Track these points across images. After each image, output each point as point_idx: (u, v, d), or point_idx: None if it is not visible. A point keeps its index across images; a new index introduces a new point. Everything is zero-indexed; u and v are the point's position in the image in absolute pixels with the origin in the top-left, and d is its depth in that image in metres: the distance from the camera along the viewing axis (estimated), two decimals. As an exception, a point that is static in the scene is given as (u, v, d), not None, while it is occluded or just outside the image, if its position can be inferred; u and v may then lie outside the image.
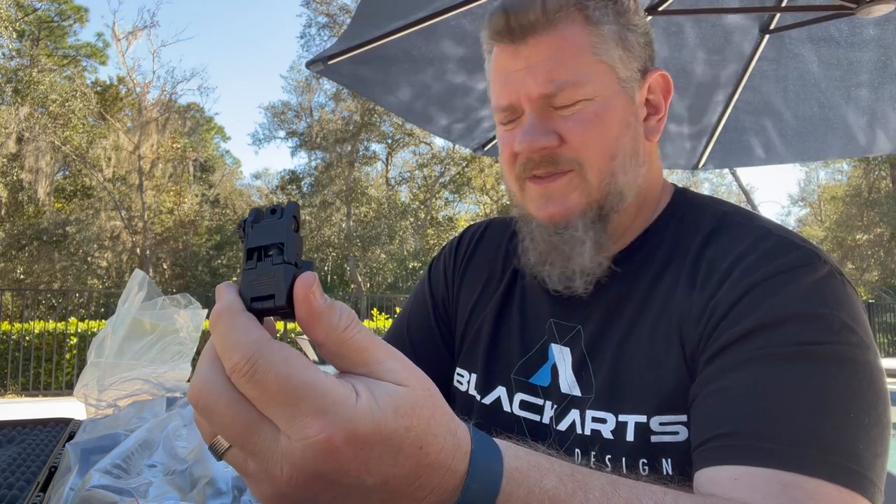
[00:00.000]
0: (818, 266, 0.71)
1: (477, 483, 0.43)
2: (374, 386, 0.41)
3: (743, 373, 0.66)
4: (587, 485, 0.49)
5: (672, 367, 0.74)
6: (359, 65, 2.51)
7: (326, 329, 0.42)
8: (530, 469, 0.47)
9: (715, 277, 0.75)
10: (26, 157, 19.65)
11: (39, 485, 0.94)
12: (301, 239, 0.46)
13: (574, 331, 0.86)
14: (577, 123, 0.80)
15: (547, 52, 0.79)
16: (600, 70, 0.80)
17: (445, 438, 0.43)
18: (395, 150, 26.46)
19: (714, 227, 0.81)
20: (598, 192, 0.81)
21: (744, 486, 0.59)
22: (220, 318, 0.42)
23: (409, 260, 23.56)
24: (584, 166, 0.80)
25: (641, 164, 0.85)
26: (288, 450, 0.39)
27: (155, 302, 1.45)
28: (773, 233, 0.76)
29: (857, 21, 2.48)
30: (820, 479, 0.58)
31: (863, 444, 0.61)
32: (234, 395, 0.41)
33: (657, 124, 0.87)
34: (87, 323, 10.28)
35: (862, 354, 0.66)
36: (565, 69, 0.79)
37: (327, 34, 23.27)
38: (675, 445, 0.72)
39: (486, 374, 0.93)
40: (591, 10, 0.80)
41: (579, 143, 0.80)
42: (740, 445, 0.61)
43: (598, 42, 0.80)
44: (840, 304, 0.68)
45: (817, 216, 29.46)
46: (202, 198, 24.59)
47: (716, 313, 0.72)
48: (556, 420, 0.83)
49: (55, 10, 22.52)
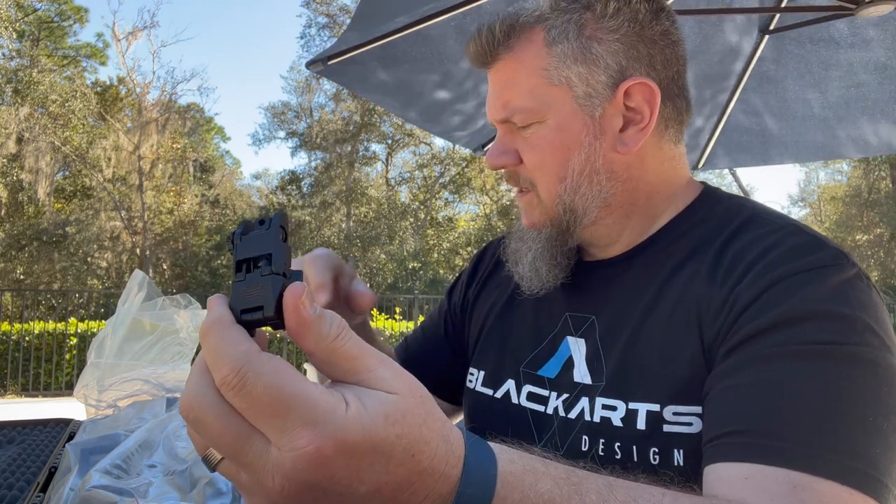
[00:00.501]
0: (846, 267, 0.69)
1: (471, 488, 0.43)
2: (363, 395, 0.41)
3: (760, 369, 0.65)
4: (583, 487, 0.49)
5: (688, 358, 0.73)
6: (358, 65, 2.51)
7: (316, 338, 0.42)
8: (525, 473, 0.47)
9: (739, 269, 0.73)
10: (26, 158, 19.64)
11: (39, 485, 0.94)
12: (290, 248, 0.46)
13: (588, 321, 0.86)
14: (528, 146, 0.84)
15: (503, 77, 0.84)
16: (552, 93, 0.81)
17: (438, 444, 0.43)
18: (395, 151, 26.47)
19: (742, 221, 0.80)
20: (552, 211, 0.85)
21: (753, 485, 0.58)
22: (210, 330, 0.42)
23: (409, 260, 23.56)
24: (536, 187, 0.85)
25: (610, 179, 0.83)
26: (279, 461, 0.39)
27: (155, 302, 1.45)
28: (804, 231, 0.75)
29: (856, 21, 2.48)
30: (832, 482, 0.57)
31: (879, 449, 0.59)
32: (224, 407, 0.41)
33: (638, 134, 0.82)
34: (87, 323, 10.27)
35: (884, 358, 0.64)
36: (517, 94, 0.82)
37: (327, 34, 23.30)
38: (688, 437, 0.71)
39: (496, 368, 0.94)
40: (549, 30, 0.81)
41: (532, 165, 0.85)
42: (753, 443, 0.60)
43: (552, 64, 0.81)
44: (864, 307, 0.67)
45: (817, 216, 29.45)
46: (202, 198, 24.57)
47: (737, 305, 0.70)
48: (567, 409, 0.82)
49: (55, 11, 22.52)
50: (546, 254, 0.87)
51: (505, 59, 0.83)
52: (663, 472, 0.68)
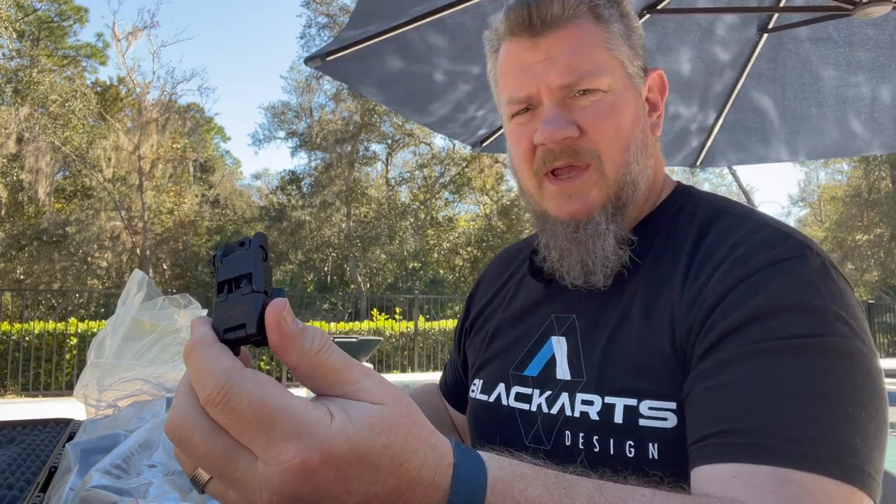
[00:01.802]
0: (810, 257, 0.71)
1: (460, 496, 0.43)
2: (348, 406, 0.41)
3: (738, 367, 0.66)
4: (573, 491, 0.49)
5: (664, 354, 0.75)
6: (357, 61, 2.51)
7: (299, 353, 0.42)
8: (515, 479, 0.47)
9: (708, 267, 0.75)
10: (26, 158, 19.64)
11: (39, 485, 0.94)
12: (269, 267, 0.46)
13: (570, 320, 0.88)
14: (594, 114, 0.83)
15: (566, 44, 0.83)
16: (613, 64, 0.84)
17: (426, 454, 0.43)
18: (395, 151, 26.46)
19: (711, 218, 0.82)
20: (615, 185, 0.84)
21: (741, 483, 0.59)
22: (193, 350, 0.42)
23: (409, 260, 23.55)
24: (601, 158, 0.83)
25: (650, 157, 0.88)
26: (266, 475, 0.39)
27: (154, 302, 1.45)
28: (769, 224, 0.77)
29: (855, 21, 2.48)
30: (818, 475, 0.58)
31: (860, 438, 0.61)
32: (210, 425, 0.41)
33: (657, 120, 0.91)
34: (87, 323, 10.27)
35: (856, 346, 0.66)
36: (584, 60, 0.82)
37: (327, 34, 23.27)
38: (663, 432, 0.73)
39: (490, 374, 0.96)
40: (601, 9, 0.84)
41: (598, 134, 0.83)
42: (737, 443, 0.61)
43: (609, 38, 0.84)
44: (833, 296, 0.68)
45: (817, 216, 29.45)
46: (202, 198, 24.57)
47: (706, 303, 0.72)
48: (549, 405, 0.84)
49: (55, 11, 22.52)
50: (612, 235, 0.83)
51: (562, 28, 0.83)
52: (642, 468, 0.69)
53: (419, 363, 11.62)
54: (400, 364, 11.57)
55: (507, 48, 0.88)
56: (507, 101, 0.88)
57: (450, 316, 13.92)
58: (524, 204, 0.94)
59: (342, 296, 22.37)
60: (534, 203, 0.90)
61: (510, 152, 0.92)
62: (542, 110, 0.84)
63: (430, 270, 24.13)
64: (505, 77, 0.88)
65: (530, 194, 0.90)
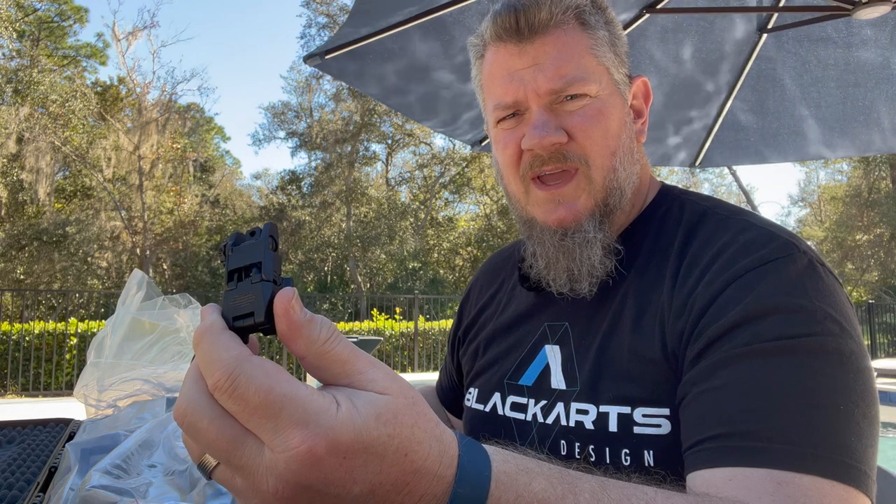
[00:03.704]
0: (797, 256, 0.71)
1: (465, 488, 0.44)
2: (355, 396, 0.42)
3: (730, 371, 0.66)
4: (577, 487, 0.49)
5: (655, 360, 0.75)
6: (356, 59, 2.52)
7: (307, 342, 0.43)
8: (519, 473, 0.47)
9: (696, 271, 0.76)
10: (26, 158, 19.64)
11: (39, 485, 0.94)
12: (279, 257, 0.47)
13: (563, 328, 0.88)
14: (582, 119, 0.83)
15: (553, 50, 0.83)
16: (600, 71, 0.84)
17: (431, 445, 0.43)
18: (395, 151, 26.47)
19: (696, 220, 0.83)
20: (602, 191, 0.84)
21: (738, 486, 0.59)
22: (202, 337, 0.43)
23: (409, 260, 23.55)
24: (589, 163, 0.83)
25: (635, 163, 0.88)
26: (272, 462, 0.39)
27: (154, 302, 1.46)
28: (754, 225, 0.77)
29: (854, 21, 2.49)
30: (813, 476, 0.58)
31: (854, 437, 0.61)
32: (218, 411, 0.41)
33: (642, 127, 0.91)
34: (87, 323, 10.27)
35: (846, 344, 0.66)
36: (572, 66, 0.83)
37: (327, 34, 23.27)
38: (657, 438, 0.73)
39: (484, 383, 0.96)
40: (587, 16, 0.85)
41: (586, 139, 0.83)
42: (733, 446, 0.62)
43: (595, 44, 0.84)
44: (821, 295, 0.68)
45: (817, 216, 29.44)
46: (202, 198, 24.58)
47: (696, 308, 0.72)
48: (544, 415, 0.84)
49: (55, 11, 22.52)
50: (599, 244, 0.83)
51: (550, 34, 0.83)
52: (640, 474, 0.69)
53: (419, 363, 11.63)
54: (400, 364, 11.57)
55: (493, 53, 0.87)
56: (494, 106, 0.87)
57: (450, 316, 13.92)
58: (511, 210, 0.93)
59: (342, 296, 22.37)
60: (520, 209, 0.90)
61: (496, 157, 0.92)
62: (529, 115, 0.84)
63: (430, 270, 24.13)
64: (491, 82, 0.88)
65: (517, 200, 0.89)
